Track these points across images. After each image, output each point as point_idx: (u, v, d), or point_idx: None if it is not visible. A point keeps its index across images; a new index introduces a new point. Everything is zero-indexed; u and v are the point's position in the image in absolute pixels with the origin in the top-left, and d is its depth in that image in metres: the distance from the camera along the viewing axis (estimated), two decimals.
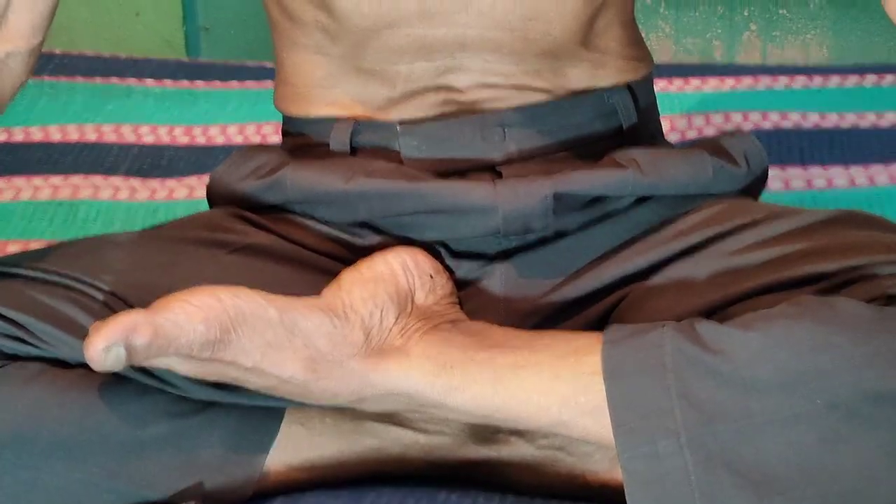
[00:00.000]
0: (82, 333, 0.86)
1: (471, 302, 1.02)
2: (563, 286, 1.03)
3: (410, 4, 1.01)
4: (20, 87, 0.99)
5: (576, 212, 1.03)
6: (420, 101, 1.05)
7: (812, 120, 1.66)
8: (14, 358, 0.92)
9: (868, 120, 1.66)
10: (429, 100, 1.05)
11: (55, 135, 1.66)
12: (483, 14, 1.02)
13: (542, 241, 1.04)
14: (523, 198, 1.01)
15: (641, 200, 1.05)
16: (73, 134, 1.66)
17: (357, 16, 1.03)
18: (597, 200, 1.04)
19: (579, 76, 1.07)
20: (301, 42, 1.08)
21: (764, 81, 1.76)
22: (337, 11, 1.03)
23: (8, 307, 0.92)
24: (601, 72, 1.08)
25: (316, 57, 1.07)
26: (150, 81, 1.80)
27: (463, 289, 1.02)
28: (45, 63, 1.79)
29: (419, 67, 1.04)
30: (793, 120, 1.66)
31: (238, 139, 1.67)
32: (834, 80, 1.76)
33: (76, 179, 1.56)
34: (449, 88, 1.05)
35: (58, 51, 1.88)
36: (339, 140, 1.07)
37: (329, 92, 1.07)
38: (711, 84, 1.76)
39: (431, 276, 0.98)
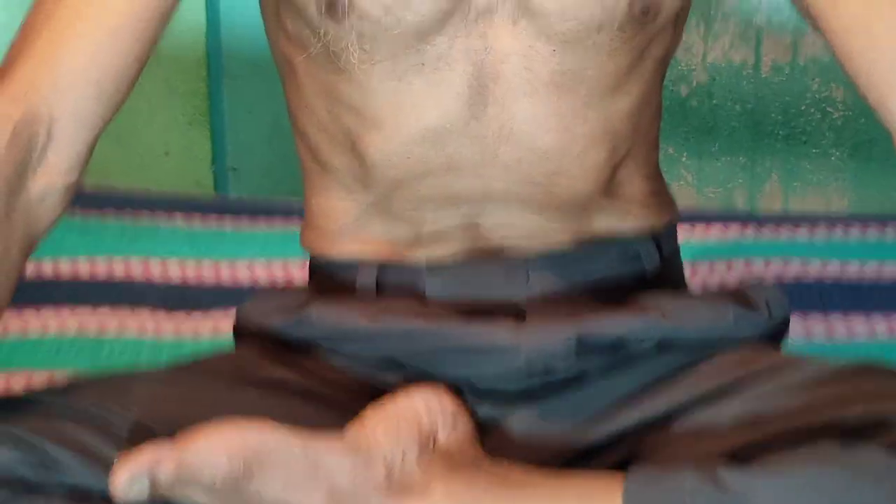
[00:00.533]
0: (107, 464, 0.87)
1: (492, 441, 1.02)
2: (584, 428, 1.03)
3: (439, 158, 1.04)
4: (55, 223, 1.01)
5: (598, 355, 1.04)
6: (446, 243, 1.07)
7: (833, 269, 1.67)
8: (37, 489, 0.92)
9: (889, 271, 1.67)
10: (455, 242, 1.07)
11: (84, 269, 1.68)
12: (509, 169, 1.04)
13: (565, 383, 1.04)
14: (546, 339, 1.02)
15: (664, 345, 1.05)
16: (101, 268, 1.68)
17: (385, 168, 1.05)
18: (619, 344, 1.04)
19: (603, 224, 1.09)
20: (332, 188, 1.10)
21: (786, 230, 1.77)
22: (368, 162, 1.06)
23: (33, 435, 0.92)
24: (625, 219, 1.10)
25: (345, 203, 1.10)
26: (178, 218, 1.82)
27: (485, 428, 1.03)
28: (77, 198, 1.81)
29: (445, 214, 1.06)
30: (814, 269, 1.67)
31: (264, 276, 1.69)
32: (855, 231, 1.77)
33: (103, 313, 1.57)
34: (475, 232, 1.07)
35: (88, 187, 1.90)
36: (365, 280, 1.08)
37: (356, 234, 1.10)
38: (733, 231, 1.78)
39: (454, 416, 0.98)
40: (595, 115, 1.05)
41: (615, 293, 1.08)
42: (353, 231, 1.10)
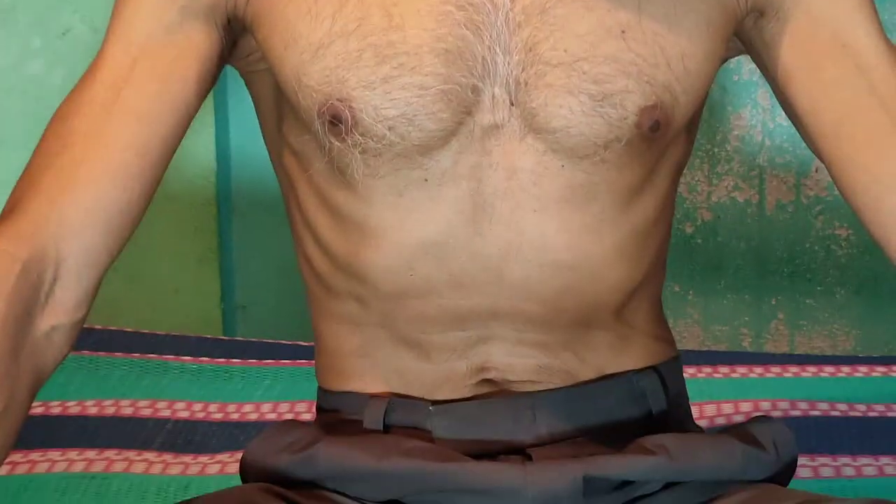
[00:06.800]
0: None
1: None
2: None
3: (442, 276, 1.03)
4: (62, 360, 1.01)
5: (605, 495, 1.03)
6: (454, 384, 1.07)
7: (840, 409, 1.67)
8: None
9: None
10: (463, 382, 1.07)
11: (91, 409, 1.68)
12: (515, 287, 1.04)
13: None
14: (553, 480, 1.02)
15: (671, 485, 1.05)
16: (109, 408, 1.68)
17: (388, 285, 1.05)
18: (626, 484, 1.04)
19: (607, 349, 1.08)
20: (336, 311, 1.10)
21: (791, 370, 1.77)
22: (369, 281, 1.05)
23: None
24: (628, 347, 1.09)
25: (350, 326, 1.09)
26: (186, 358, 1.83)
27: None
28: (85, 338, 1.82)
29: (452, 337, 1.06)
30: (821, 409, 1.66)
31: (271, 417, 1.68)
32: (861, 370, 1.77)
33: (110, 453, 1.57)
34: (482, 369, 1.07)
35: (97, 326, 1.91)
36: (372, 418, 1.08)
37: (364, 362, 1.09)
38: (740, 371, 1.78)
39: None
40: (609, 231, 1.04)
41: (622, 433, 1.07)
42: (360, 358, 1.09)
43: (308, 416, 1.62)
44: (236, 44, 1.07)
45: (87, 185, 1.00)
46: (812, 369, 1.78)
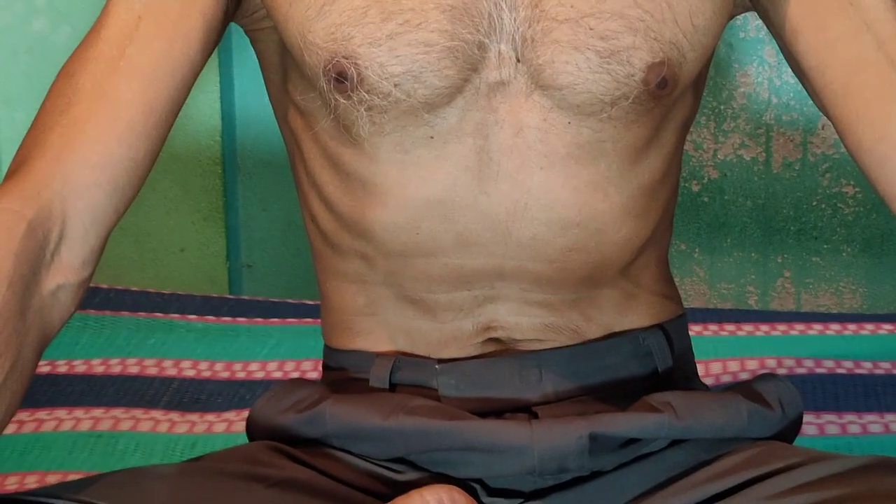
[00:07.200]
0: None
1: None
2: None
3: (448, 235, 1.03)
4: (68, 319, 1.01)
5: (611, 452, 1.04)
6: (460, 342, 1.07)
7: (846, 367, 1.67)
8: None
9: None
10: (469, 341, 1.07)
11: (98, 367, 1.68)
12: (522, 246, 1.03)
13: (578, 481, 1.04)
14: (559, 438, 1.02)
15: (677, 442, 1.05)
16: (115, 367, 1.68)
17: (394, 244, 1.05)
18: (632, 441, 1.04)
19: (613, 308, 1.08)
20: (342, 270, 1.10)
21: (797, 328, 1.77)
22: (375, 239, 1.05)
23: None
24: (634, 305, 1.09)
25: (356, 285, 1.09)
26: (192, 317, 1.83)
27: None
28: (91, 297, 1.82)
29: (458, 297, 1.06)
30: (826, 366, 1.67)
31: (277, 375, 1.69)
32: (867, 328, 1.77)
33: (117, 412, 1.57)
34: (488, 328, 1.07)
35: (104, 286, 1.91)
36: (378, 377, 1.08)
37: (370, 321, 1.09)
38: (745, 329, 1.78)
39: None
40: (615, 190, 1.04)
41: (628, 391, 1.08)
42: (366, 317, 1.09)
43: (314, 375, 1.63)
44: (241, 1, 1.06)
45: (93, 144, 1.00)
46: (818, 327, 1.78)
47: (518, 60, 0.99)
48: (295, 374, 1.68)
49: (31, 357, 0.96)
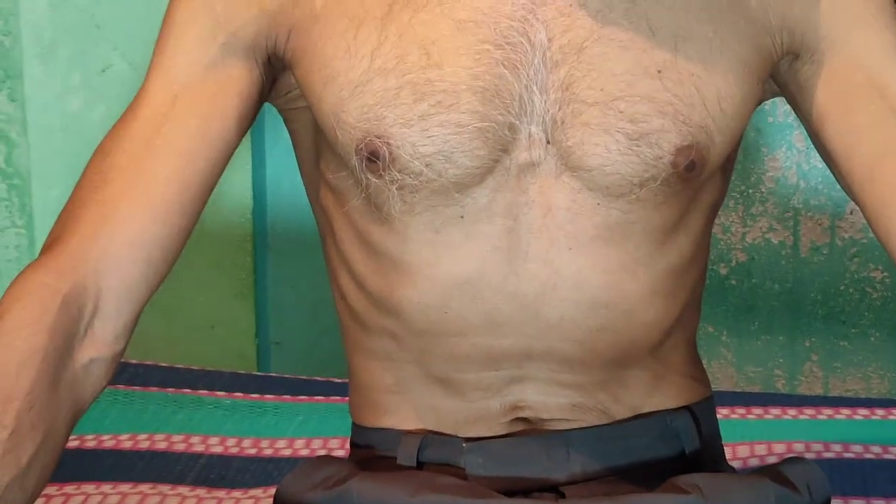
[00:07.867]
0: None
1: None
2: None
3: (477, 315, 1.04)
4: (100, 393, 1.02)
5: None
6: (488, 421, 1.07)
7: (874, 452, 1.66)
8: None
9: None
10: (496, 420, 1.07)
11: (126, 443, 1.68)
12: (551, 327, 1.04)
13: None
14: None
15: None
16: (143, 442, 1.68)
17: (423, 322, 1.05)
18: None
19: (642, 389, 1.09)
20: (370, 347, 1.10)
21: (825, 412, 1.77)
22: (404, 318, 1.06)
23: None
24: (662, 386, 1.09)
25: (384, 363, 1.10)
26: (220, 393, 1.83)
27: None
28: (121, 372, 1.82)
29: (486, 376, 1.06)
30: (855, 451, 1.66)
31: (304, 453, 1.68)
32: None
33: (144, 487, 1.57)
34: (515, 407, 1.07)
35: (133, 361, 1.92)
36: (406, 455, 1.08)
37: (398, 399, 1.10)
38: (773, 413, 1.77)
39: None
40: (644, 270, 1.04)
41: (655, 472, 1.07)
42: (394, 395, 1.10)
43: (341, 453, 1.62)
44: (276, 81, 1.08)
45: (128, 220, 1.01)
46: (846, 411, 1.77)
47: (548, 142, 1.00)
48: (322, 452, 1.68)
49: (62, 431, 0.97)
